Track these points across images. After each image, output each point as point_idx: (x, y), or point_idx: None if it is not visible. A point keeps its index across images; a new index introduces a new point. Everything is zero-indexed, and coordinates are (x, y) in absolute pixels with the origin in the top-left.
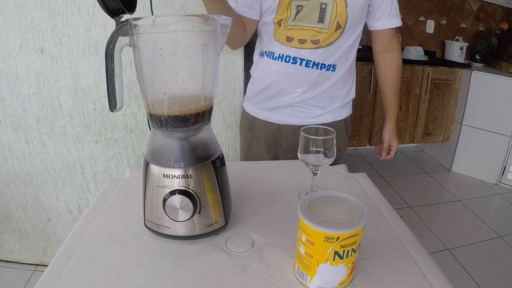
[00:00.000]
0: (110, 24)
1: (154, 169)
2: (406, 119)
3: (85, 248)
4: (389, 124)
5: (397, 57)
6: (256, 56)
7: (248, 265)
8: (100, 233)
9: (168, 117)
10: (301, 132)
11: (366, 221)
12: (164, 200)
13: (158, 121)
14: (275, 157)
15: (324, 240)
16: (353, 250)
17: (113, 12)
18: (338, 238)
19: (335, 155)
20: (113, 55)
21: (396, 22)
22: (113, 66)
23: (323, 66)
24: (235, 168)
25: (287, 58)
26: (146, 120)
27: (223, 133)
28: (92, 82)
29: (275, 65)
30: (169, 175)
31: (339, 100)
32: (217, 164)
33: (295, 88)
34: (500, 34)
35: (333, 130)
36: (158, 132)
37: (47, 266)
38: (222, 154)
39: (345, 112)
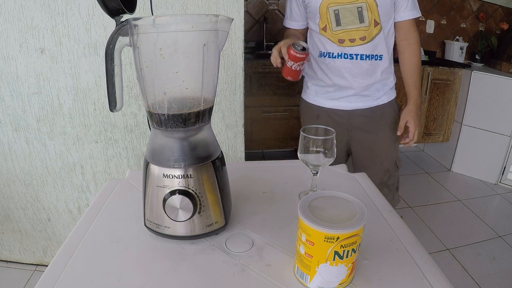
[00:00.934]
0: (110, 24)
1: (154, 169)
2: None
3: (85, 248)
4: (408, 105)
5: (417, 49)
6: (315, 57)
7: (248, 265)
8: (100, 233)
9: (168, 117)
10: (301, 132)
11: (366, 221)
12: (164, 200)
13: (158, 121)
14: (345, 136)
15: (324, 240)
16: (353, 250)
17: (113, 12)
18: (338, 238)
19: (335, 155)
20: (113, 55)
21: (415, 13)
22: (113, 66)
23: (373, 56)
24: (235, 168)
25: (345, 55)
26: (146, 120)
27: (223, 133)
28: (92, 82)
29: (337, 62)
30: (169, 175)
31: (389, 83)
32: (217, 164)
33: (356, 77)
34: (500, 34)
35: (333, 130)
36: (158, 132)
37: (47, 266)
38: (222, 154)
39: (394, 93)
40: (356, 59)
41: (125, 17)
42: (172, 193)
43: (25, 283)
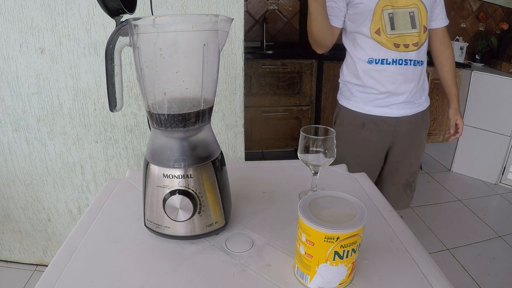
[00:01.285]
0: (110, 24)
1: (154, 169)
2: None
3: (85, 248)
4: (452, 104)
5: (452, 52)
6: (362, 64)
7: (248, 265)
8: (100, 233)
9: (168, 117)
10: (301, 132)
11: (366, 221)
12: (164, 200)
13: (158, 121)
14: (387, 143)
15: (324, 240)
16: (353, 250)
17: (113, 12)
18: (338, 238)
19: (335, 155)
20: (113, 55)
21: (447, 20)
22: (113, 66)
23: (420, 62)
24: (235, 168)
25: (400, 61)
26: (146, 120)
27: (223, 133)
28: (92, 82)
29: (392, 68)
30: (169, 175)
31: (427, 88)
32: (217, 164)
33: (409, 84)
34: (500, 34)
35: (333, 130)
36: (158, 132)
37: (47, 266)
38: (222, 154)
39: (429, 98)
40: (410, 64)
41: (125, 17)
42: (172, 193)
43: (25, 283)
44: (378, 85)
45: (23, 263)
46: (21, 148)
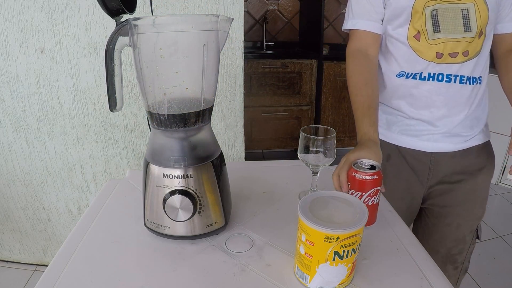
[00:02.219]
0: (110, 24)
1: (154, 169)
2: None
3: (85, 248)
4: None
5: None
6: (392, 78)
7: (248, 265)
8: (100, 233)
9: (168, 117)
10: (301, 132)
11: (366, 221)
12: (164, 200)
13: (158, 121)
14: (423, 191)
15: (324, 240)
16: (353, 250)
17: (113, 12)
18: (338, 238)
19: (335, 155)
20: (113, 55)
21: None
22: (113, 66)
23: (474, 80)
24: (235, 168)
25: (440, 77)
26: (146, 120)
27: (223, 133)
28: (92, 82)
29: (427, 86)
30: (169, 175)
31: (485, 115)
32: (217, 164)
33: (451, 109)
34: None
35: (333, 130)
36: (158, 132)
37: (47, 266)
38: (222, 154)
39: (488, 131)
40: (455, 82)
41: (125, 17)
42: (172, 193)
43: (25, 283)
44: (408, 108)
45: (23, 263)
46: (21, 148)
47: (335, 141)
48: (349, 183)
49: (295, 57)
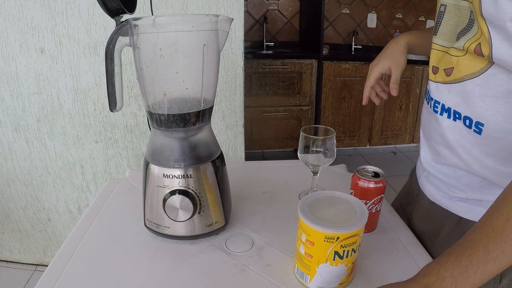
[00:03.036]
0: (110, 24)
1: (154, 169)
2: (406, 119)
3: (85, 248)
4: None
5: None
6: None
7: (248, 265)
8: (100, 233)
9: (168, 117)
10: (301, 132)
11: (366, 221)
12: (164, 200)
13: (158, 121)
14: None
15: (324, 240)
16: (353, 250)
17: (113, 12)
18: (338, 238)
19: (335, 155)
20: (113, 55)
21: None
22: (113, 66)
23: (457, 116)
24: (235, 168)
25: (428, 101)
26: (146, 120)
27: (223, 133)
28: (92, 82)
29: (439, 117)
30: (169, 175)
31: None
32: (217, 164)
33: (478, 156)
34: None
35: (333, 130)
36: (158, 132)
37: (47, 266)
38: (222, 154)
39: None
40: (437, 113)
41: (125, 17)
42: (172, 193)
43: (25, 283)
44: (429, 143)
45: (23, 263)
46: (21, 148)
47: (335, 141)
48: (352, 191)
49: (295, 57)
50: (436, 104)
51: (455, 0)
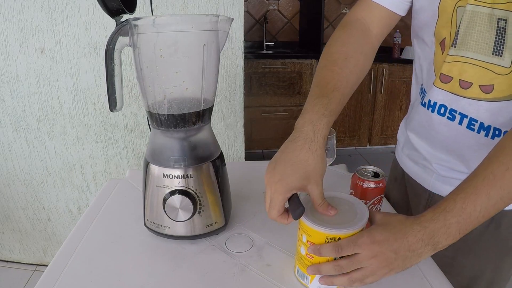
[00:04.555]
0: (110, 24)
1: (154, 169)
2: None
3: (85, 248)
4: None
5: None
6: (414, 93)
7: (248, 265)
8: (100, 233)
9: (168, 117)
10: None
11: (367, 221)
12: (164, 200)
13: (158, 121)
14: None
15: (326, 241)
16: None
17: (113, 12)
18: (339, 238)
19: (335, 155)
20: (113, 55)
21: None
22: (113, 66)
23: (497, 133)
24: (235, 168)
25: (442, 109)
26: (146, 120)
27: (223, 133)
28: (92, 82)
29: (435, 118)
30: (169, 175)
31: None
32: (217, 164)
33: (451, 158)
34: None
35: (333, 130)
36: (158, 132)
37: (47, 266)
38: (222, 154)
39: None
40: (461, 123)
41: (125, 17)
42: (172, 193)
43: (25, 283)
44: (419, 143)
45: (23, 263)
46: (21, 148)
47: (335, 141)
48: (352, 191)
49: (295, 57)
50: (473, 122)
51: (473, 6)
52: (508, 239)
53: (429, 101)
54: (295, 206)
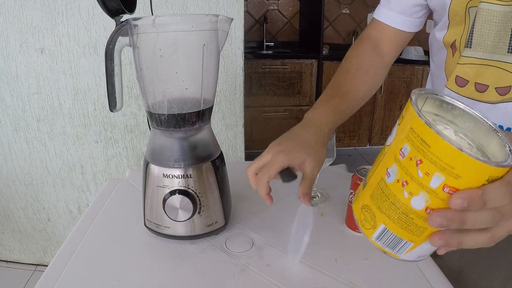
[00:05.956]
0: (110, 24)
1: (154, 169)
2: None
3: (85, 248)
4: None
5: None
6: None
7: (248, 265)
8: (100, 233)
9: (168, 117)
10: None
11: None
12: (164, 200)
13: (158, 121)
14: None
15: (484, 183)
16: None
17: (113, 12)
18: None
19: (335, 155)
20: (113, 55)
21: None
22: (113, 66)
23: None
24: (235, 168)
25: None
26: (146, 120)
27: (223, 133)
28: (92, 82)
29: None
30: (169, 175)
31: None
32: (217, 164)
33: None
34: None
35: (333, 130)
36: (158, 132)
37: (47, 266)
38: (222, 154)
39: None
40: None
41: (125, 17)
42: (172, 193)
43: (25, 283)
44: None
45: (23, 263)
46: (21, 148)
47: (335, 141)
48: (352, 191)
49: (295, 57)
50: None
51: (488, 4)
52: None
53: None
54: (287, 173)
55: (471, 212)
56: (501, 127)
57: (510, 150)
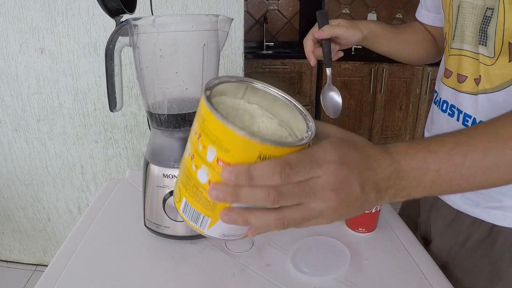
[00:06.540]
0: (110, 24)
1: (154, 169)
2: (406, 119)
3: (85, 248)
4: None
5: None
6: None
7: (248, 265)
8: (100, 233)
9: (168, 117)
10: None
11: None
12: (164, 200)
13: (158, 121)
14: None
15: (257, 159)
16: None
17: (113, 12)
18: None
19: None
20: (113, 55)
21: None
22: (113, 66)
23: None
24: None
25: (444, 105)
26: (146, 120)
27: None
28: (92, 82)
29: (441, 116)
30: (169, 175)
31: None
32: None
33: None
34: None
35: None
36: (158, 132)
37: (47, 266)
38: None
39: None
40: (458, 119)
41: (125, 17)
42: (172, 193)
43: (25, 283)
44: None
45: (23, 263)
46: (21, 148)
47: None
48: None
49: (295, 57)
50: (467, 118)
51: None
52: (501, 259)
53: (440, 98)
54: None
55: (244, 187)
56: (474, 120)
57: (308, 128)
